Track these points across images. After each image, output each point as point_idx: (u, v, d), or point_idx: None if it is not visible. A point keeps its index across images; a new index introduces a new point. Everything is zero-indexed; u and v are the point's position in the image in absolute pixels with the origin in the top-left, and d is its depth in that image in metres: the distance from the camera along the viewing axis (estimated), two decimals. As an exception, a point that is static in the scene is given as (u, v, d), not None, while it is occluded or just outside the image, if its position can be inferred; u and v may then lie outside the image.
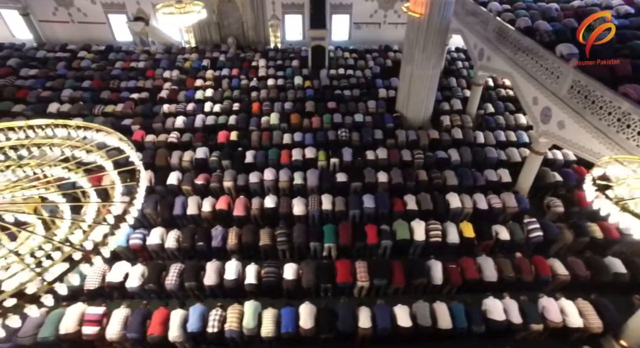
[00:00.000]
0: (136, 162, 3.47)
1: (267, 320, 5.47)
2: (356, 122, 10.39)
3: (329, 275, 6.21)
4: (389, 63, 14.12)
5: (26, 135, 3.45)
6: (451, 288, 6.41)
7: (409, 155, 9.14)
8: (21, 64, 13.21)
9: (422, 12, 8.81)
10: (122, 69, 13.36)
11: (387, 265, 6.36)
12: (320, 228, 7.00)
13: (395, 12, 16.41)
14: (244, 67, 13.45)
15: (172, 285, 6.00)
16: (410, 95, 10.30)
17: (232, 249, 6.74)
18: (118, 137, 3.49)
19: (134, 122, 10.21)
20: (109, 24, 16.16)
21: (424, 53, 9.40)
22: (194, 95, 11.62)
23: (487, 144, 9.67)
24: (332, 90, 12.06)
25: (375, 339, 5.52)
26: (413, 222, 7.03)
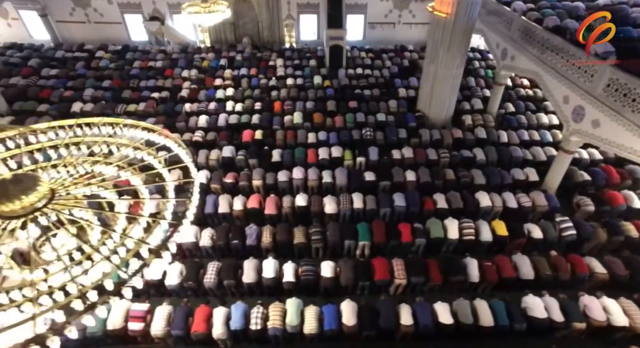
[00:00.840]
0: (187, 161, 3.49)
1: (309, 317, 5.50)
2: (379, 122, 10.42)
3: (367, 272, 6.24)
4: (405, 63, 14.15)
5: (74, 133, 3.51)
6: (486, 286, 6.44)
7: (434, 154, 9.18)
8: (41, 64, 13.27)
9: (449, 11, 8.83)
10: (140, 68, 13.40)
11: (423, 263, 6.39)
12: (353, 227, 7.04)
13: (410, 12, 16.45)
14: (261, 67, 13.49)
15: (210, 283, 6.04)
16: (433, 94, 10.32)
17: (267, 247, 6.78)
18: (174, 140, 3.53)
19: (157, 121, 10.25)
20: (124, 24, 16.21)
21: (449, 52, 9.42)
22: (214, 94, 11.66)
23: (511, 143, 9.69)
24: (352, 89, 12.09)
25: (416, 336, 5.55)
26: (446, 221, 7.06)
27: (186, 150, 3.60)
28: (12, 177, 2.51)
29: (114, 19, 16.02)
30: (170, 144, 3.61)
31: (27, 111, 10.52)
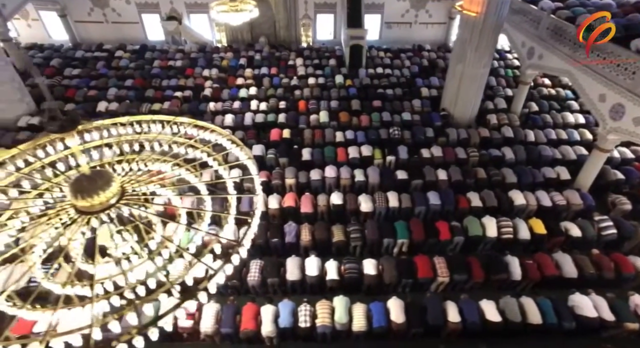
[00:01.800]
0: (250, 166, 3.45)
1: (358, 314, 5.51)
2: (404, 121, 10.44)
3: (410, 270, 6.25)
4: (424, 62, 14.16)
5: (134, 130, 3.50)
6: (527, 285, 6.43)
7: (463, 153, 9.19)
8: (63, 64, 13.31)
9: (479, 10, 8.83)
10: (160, 67, 13.44)
11: (465, 260, 6.39)
12: (391, 225, 7.04)
13: (427, 12, 16.48)
14: (282, 66, 13.51)
15: (254, 281, 6.05)
16: (460, 93, 10.32)
17: (307, 245, 6.79)
18: (231, 139, 3.45)
19: (183, 120, 10.27)
20: (142, 24, 16.27)
21: (477, 52, 9.42)
22: (237, 93, 11.68)
23: (538, 142, 9.70)
24: (374, 89, 12.10)
25: (463, 333, 5.55)
26: (484, 219, 7.06)
27: (245, 149, 3.57)
28: (91, 173, 2.53)
29: (131, 19, 16.08)
30: (225, 142, 3.56)
31: (54, 110, 10.53)
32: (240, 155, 3.56)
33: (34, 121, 9.91)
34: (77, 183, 2.43)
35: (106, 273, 3.56)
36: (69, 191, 2.41)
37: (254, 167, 3.53)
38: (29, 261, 3.21)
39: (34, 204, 3.16)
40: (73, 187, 2.41)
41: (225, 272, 2.88)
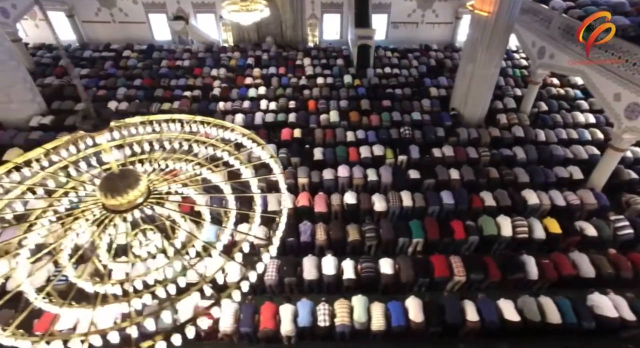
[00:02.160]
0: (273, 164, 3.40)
1: (376, 314, 5.51)
2: (414, 120, 10.44)
3: (427, 269, 6.25)
4: (432, 62, 14.16)
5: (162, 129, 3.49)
6: (543, 284, 6.42)
7: (474, 153, 9.19)
8: (72, 63, 13.34)
9: (490, 10, 8.83)
10: (168, 67, 13.45)
11: (481, 260, 6.38)
12: (406, 224, 7.04)
13: (434, 12, 16.47)
14: (289, 66, 13.51)
15: (272, 280, 6.05)
16: (470, 93, 10.31)
17: (322, 245, 6.79)
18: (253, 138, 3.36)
19: (194, 120, 10.28)
20: (148, 24, 16.29)
21: (488, 51, 9.41)
22: (246, 93, 11.69)
23: (549, 141, 9.69)
24: (383, 88, 12.11)
25: (481, 333, 5.54)
26: (499, 218, 7.06)
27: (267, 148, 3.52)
28: (120, 172, 2.52)
29: (138, 19, 16.10)
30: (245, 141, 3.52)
31: (65, 110, 10.58)
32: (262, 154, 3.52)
33: (45, 121, 9.93)
34: (107, 182, 2.43)
35: (134, 272, 3.56)
36: (99, 190, 2.41)
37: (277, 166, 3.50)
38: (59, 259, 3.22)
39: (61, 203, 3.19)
40: (103, 185, 2.41)
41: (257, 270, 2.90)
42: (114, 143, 3.42)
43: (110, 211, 2.53)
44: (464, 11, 16.23)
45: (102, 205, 2.65)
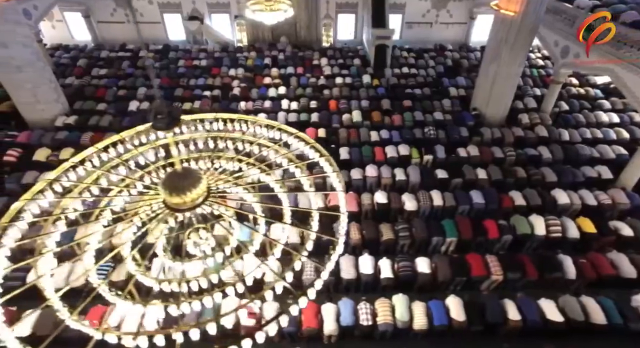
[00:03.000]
0: (329, 172, 3.31)
1: (418, 312, 5.52)
2: (437, 120, 10.44)
3: (463, 268, 6.25)
4: (448, 62, 14.16)
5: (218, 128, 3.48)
6: (579, 284, 6.41)
7: (500, 153, 9.19)
8: (89, 64, 13.38)
9: (517, 10, 8.83)
10: (186, 67, 13.48)
11: (518, 258, 6.38)
12: (439, 223, 7.05)
13: (448, 12, 16.48)
14: (307, 66, 13.52)
15: (310, 280, 6.05)
16: (492, 93, 10.32)
17: (356, 244, 6.80)
18: (313, 145, 3.24)
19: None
20: (163, 24, 16.34)
21: (512, 51, 9.42)
22: (266, 93, 11.71)
23: (573, 141, 9.68)
24: (402, 88, 12.12)
25: (524, 332, 5.54)
26: (532, 217, 7.06)
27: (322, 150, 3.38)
28: (183, 170, 2.51)
29: (153, 19, 16.13)
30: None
31: (88, 110, 10.61)
32: (323, 163, 3.41)
33: (69, 121, 9.96)
34: (170, 180, 2.43)
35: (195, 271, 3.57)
36: (162, 187, 2.41)
37: (331, 165, 3.41)
38: (123, 255, 3.23)
39: (124, 201, 3.22)
40: (167, 183, 2.40)
41: (329, 268, 2.90)
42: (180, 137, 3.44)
43: (170, 209, 2.52)
44: (479, 11, 16.28)
45: (163, 202, 2.69)
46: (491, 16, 16.09)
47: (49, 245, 2.80)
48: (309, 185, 3.43)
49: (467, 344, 5.61)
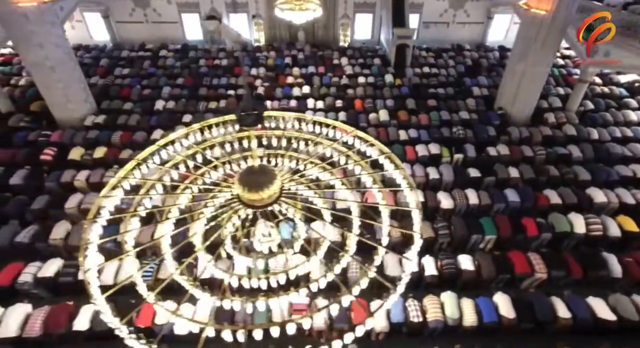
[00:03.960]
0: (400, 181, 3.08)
1: (468, 309, 5.54)
2: (463, 120, 10.45)
3: (507, 266, 6.26)
4: (468, 62, 14.17)
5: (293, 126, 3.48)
6: (623, 283, 6.40)
7: (529, 151, 9.20)
8: (110, 64, 13.45)
9: (549, 8, 8.84)
10: (207, 66, 13.51)
11: (561, 257, 6.39)
12: (477, 221, 7.06)
13: (465, 12, 16.49)
14: (327, 65, 13.54)
15: (356, 277, 6.08)
16: (519, 93, 10.33)
17: (397, 242, 6.81)
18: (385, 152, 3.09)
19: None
20: (181, 23, 16.40)
21: (542, 50, 9.43)
22: (290, 92, 11.74)
23: (602, 140, 9.68)
24: (425, 88, 12.14)
25: (574, 330, 5.54)
26: (571, 215, 7.07)
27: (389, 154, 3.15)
28: (259, 168, 2.52)
29: (171, 19, 16.20)
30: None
31: (115, 110, 10.67)
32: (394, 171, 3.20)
33: (98, 120, 10.02)
34: (247, 176, 2.45)
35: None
36: (238, 182, 2.43)
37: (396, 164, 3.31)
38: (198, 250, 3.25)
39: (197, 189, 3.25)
40: (243, 179, 2.42)
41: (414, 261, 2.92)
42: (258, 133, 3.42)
43: (244, 204, 2.54)
44: (496, 10, 16.29)
45: (236, 196, 2.65)
46: (509, 16, 16.40)
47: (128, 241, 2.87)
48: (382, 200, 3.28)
49: (518, 342, 5.60)
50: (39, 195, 7.38)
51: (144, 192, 3.04)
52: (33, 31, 8.29)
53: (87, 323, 5.19)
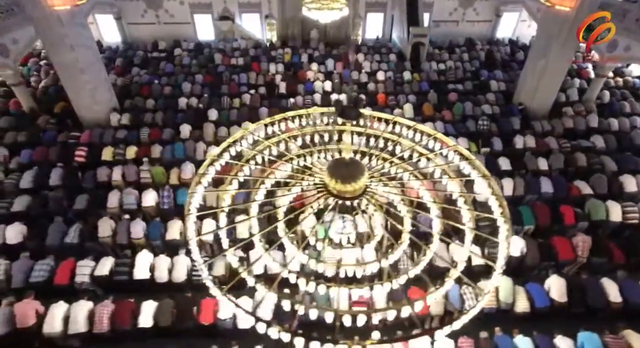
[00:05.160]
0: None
1: (520, 295, 5.66)
2: (485, 114, 10.64)
3: (550, 252, 6.42)
4: (482, 56, 14.42)
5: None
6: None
7: (555, 144, 9.40)
8: (125, 63, 13.38)
9: (572, 5, 9.06)
10: (224, 65, 13.50)
11: (603, 243, 6.55)
12: (516, 210, 7.20)
13: (474, 10, 16.77)
14: (345, 62, 13.61)
15: (405, 269, 6.17)
16: (539, 87, 10.55)
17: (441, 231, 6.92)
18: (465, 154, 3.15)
19: (270, 112, 10.40)
20: (193, 24, 16.40)
21: (564, 47, 9.66)
22: (313, 88, 11.83)
23: (623, 130, 9.95)
24: (444, 83, 12.34)
25: (624, 314, 5.66)
26: (608, 203, 7.24)
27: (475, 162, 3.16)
28: (349, 160, 2.57)
29: (183, 20, 16.20)
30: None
31: (138, 108, 10.64)
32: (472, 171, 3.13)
33: (124, 120, 9.98)
34: (337, 168, 2.49)
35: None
36: (328, 172, 2.49)
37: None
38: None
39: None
40: (333, 169, 2.47)
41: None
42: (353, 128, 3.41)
43: (330, 194, 2.59)
44: (505, 9, 16.59)
45: (323, 185, 2.70)
46: (516, 13, 16.72)
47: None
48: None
49: (569, 326, 5.72)
50: (77, 194, 7.37)
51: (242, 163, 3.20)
52: (66, 34, 8.30)
53: (150, 320, 5.21)
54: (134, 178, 7.98)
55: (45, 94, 11.34)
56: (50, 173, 7.81)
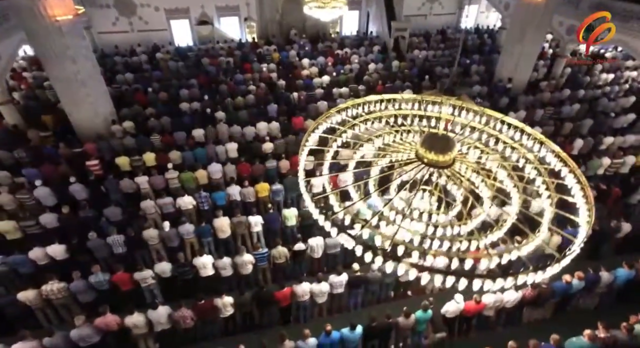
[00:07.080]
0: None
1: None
2: (479, 93, 11.65)
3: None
4: (456, 43, 15.61)
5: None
6: None
7: (541, 113, 10.64)
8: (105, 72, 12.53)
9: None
10: (212, 65, 13.18)
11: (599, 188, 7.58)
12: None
13: (440, 4, 18.20)
14: (334, 56, 13.97)
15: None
16: (517, 68, 11.76)
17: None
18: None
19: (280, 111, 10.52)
20: (170, 30, 15.88)
21: (537, 31, 10.93)
22: (312, 83, 12.07)
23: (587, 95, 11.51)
24: (432, 68, 13.28)
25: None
26: (603, 159, 8.38)
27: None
28: (442, 135, 2.87)
29: (158, 26, 15.64)
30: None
31: (138, 115, 10.13)
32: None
33: (128, 127, 9.44)
34: (432, 139, 2.78)
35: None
36: (422, 143, 2.77)
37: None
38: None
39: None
40: (428, 141, 2.76)
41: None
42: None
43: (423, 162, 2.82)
44: (466, 1, 18.19)
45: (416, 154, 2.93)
46: (476, 6, 18.39)
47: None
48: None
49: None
50: (103, 207, 6.97)
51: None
52: (67, 45, 7.75)
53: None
54: (163, 185, 7.73)
55: (25, 108, 10.40)
56: (67, 189, 7.29)
